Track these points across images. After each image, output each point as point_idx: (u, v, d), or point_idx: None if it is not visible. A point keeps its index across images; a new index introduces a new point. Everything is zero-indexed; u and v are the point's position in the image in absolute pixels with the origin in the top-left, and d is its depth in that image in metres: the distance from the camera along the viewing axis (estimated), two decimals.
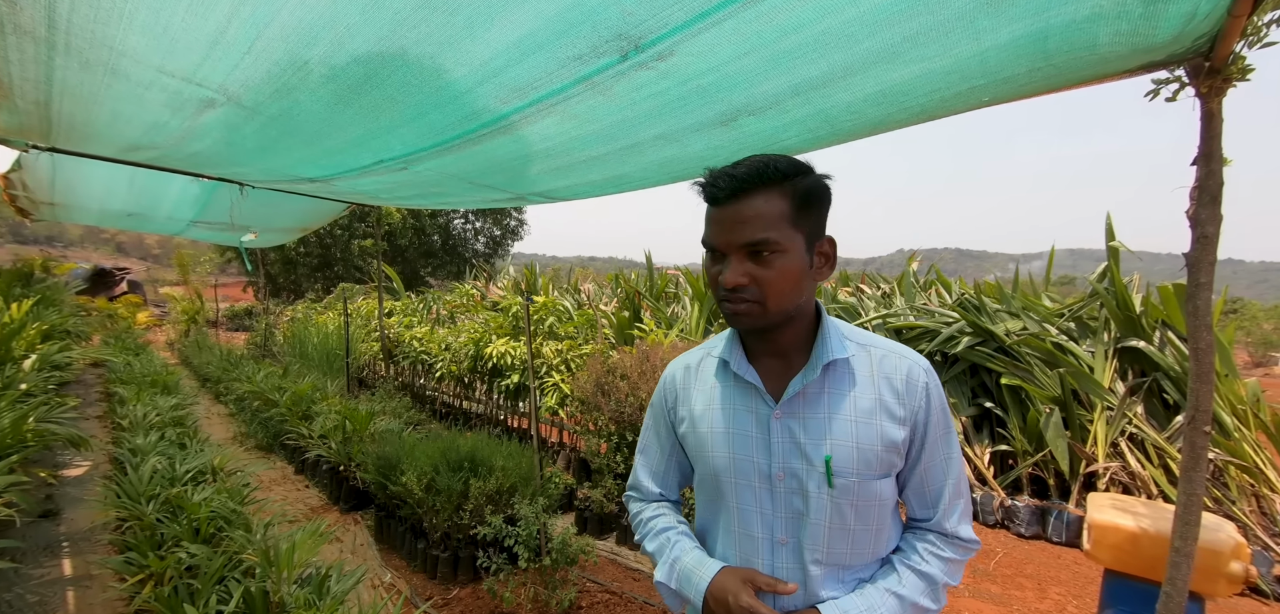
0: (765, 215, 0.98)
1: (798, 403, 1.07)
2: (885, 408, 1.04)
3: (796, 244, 1.00)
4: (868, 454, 1.03)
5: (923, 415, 1.04)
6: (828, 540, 1.05)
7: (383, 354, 7.88)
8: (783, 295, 1.01)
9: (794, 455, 1.06)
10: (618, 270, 10.97)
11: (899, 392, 1.04)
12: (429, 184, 3.15)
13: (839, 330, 1.09)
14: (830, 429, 1.04)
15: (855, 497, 1.03)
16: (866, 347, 1.08)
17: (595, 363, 4.61)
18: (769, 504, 1.08)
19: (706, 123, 2.00)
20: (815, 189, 1.02)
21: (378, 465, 4.03)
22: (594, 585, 3.53)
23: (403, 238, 19.23)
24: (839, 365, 1.06)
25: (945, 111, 2.25)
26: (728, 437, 1.12)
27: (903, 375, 1.05)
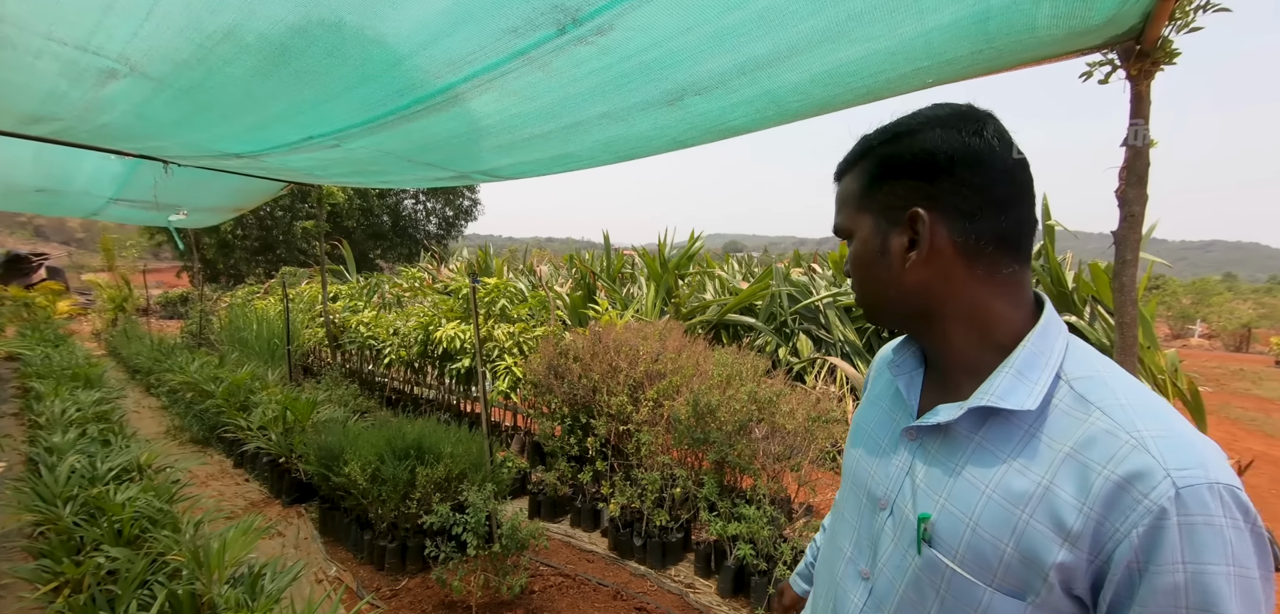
0: (839, 200, 0.89)
1: (934, 435, 0.82)
2: (1050, 503, 0.68)
3: (863, 227, 0.84)
4: (983, 545, 0.72)
5: (1139, 558, 0.62)
6: (895, 609, 0.82)
7: (328, 340, 7.59)
8: (860, 287, 0.88)
9: (905, 491, 0.83)
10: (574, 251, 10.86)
11: (1092, 495, 0.65)
12: (366, 162, 3.01)
13: (1052, 365, 0.74)
14: (953, 484, 0.77)
15: (943, 586, 0.75)
16: (1091, 406, 0.70)
17: (547, 345, 4.54)
18: (867, 526, 0.89)
19: (651, 102, 1.96)
20: (891, 157, 0.81)
21: (320, 456, 3.89)
22: (547, 569, 3.51)
23: (350, 219, 18.50)
24: (1008, 419, 0.75)
25: (891, 92, 2.27)
26: (861, 431, 0.98)
27: (1116, 476, 0.64)
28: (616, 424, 4.01)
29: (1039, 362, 0.74)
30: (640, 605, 3.13)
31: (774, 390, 3.48)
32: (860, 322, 6.08)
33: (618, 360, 4.14)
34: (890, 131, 0.82)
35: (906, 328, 0.89)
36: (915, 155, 0.79)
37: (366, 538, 3.60)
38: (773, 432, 3.36)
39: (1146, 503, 0.62)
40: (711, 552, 3.40)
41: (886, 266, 0.82)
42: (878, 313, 0.88)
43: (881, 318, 0.88)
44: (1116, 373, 0.74)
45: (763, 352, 6.22)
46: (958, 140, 0.76)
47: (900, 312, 0.85)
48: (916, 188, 0.78)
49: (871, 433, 0.94)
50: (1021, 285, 0.79)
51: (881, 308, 0.87)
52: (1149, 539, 0.61)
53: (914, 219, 0.78)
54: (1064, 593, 0.68)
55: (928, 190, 0.78)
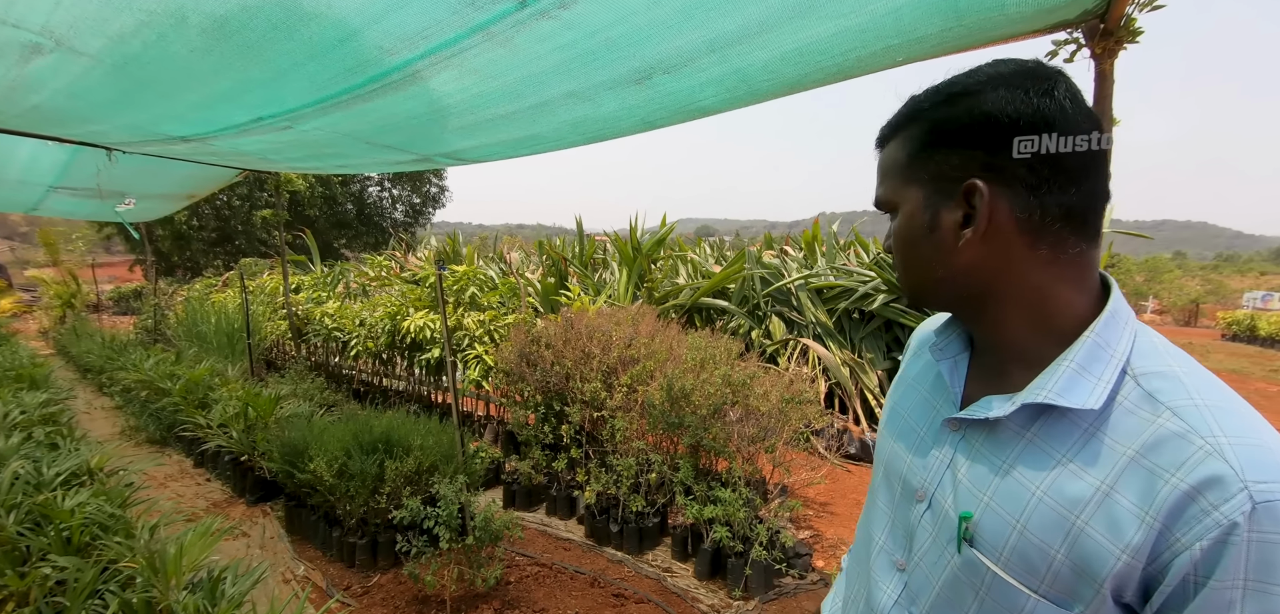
0: (882, 171, 0.80)
1: (980, 429, 0.75)
2: (1109, 511, 0.62)
3: (908, 200, 0.75)
4: (1031, 550, 0.66)
5: (1200, 570, 0.57)
6: (931, 605, 0.77)
7: (292, 333, 7.37)
8: (902, 265, 0.79)
9: (946, 484, 0.77)
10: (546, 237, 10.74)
11: (1158, 503, 0.59)
12: (322, 145, 2.89)
13: (1118, 360, 0.66)
14: (1000, 483, 0.71)
15: (984, 589, 0.70)
16: (1160, 406, 0.63)
17: (519, 333, 4.47)
18: (902, 517, 0.83)
19: (618, 80, 1.90)
20: (951, 122, 0.71)
21: (284, 453, 3.77)
22: (523, 559, 3.47)
23: (312, 208, 17.94)
24: (1065, 416, 0.68)
25: (861, 71, 2.25)
26: (898, 416, 0.90)
27: (1188, 481, 0.58)
28: (590, 411, 3.98)
29: (1104, 355, 0.66)
30: (618, 591, 3.11)
31: (747, 373, 3.48)
32: (832, 303, 6.14)
33: (590, 346, 4.09)
34: (944, 92, 0.72)
35: (954, 311, 0.81)
36: (974, 119, 0.69)
37: (335, 535, 3.51)
38: (747, 414, 3.36)
39: (1217, 515, 0.56)
40: (688, 535, 3.40)
41: (936, 244, 0.73)
42: (922, 295, 0.80)
43: (926, 300, 0.80)
44: (1192, 368, 0.66)
45: (736, 334, 6.23)
46: (1024, 102, 0.67)
47: (949, 294, 0.77)
48: (974, 157, 0.69)
49: (909, 419, 0.87)
50: (1089, 267, 0.70)
51: (927, 290, 0.78)
52: (1213, 553, 0.56)
53: (970, 192, 0.69)
54: (1115, 602, 0.63)
55: (987, 160, 0.69)
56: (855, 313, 6.02)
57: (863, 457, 5.24)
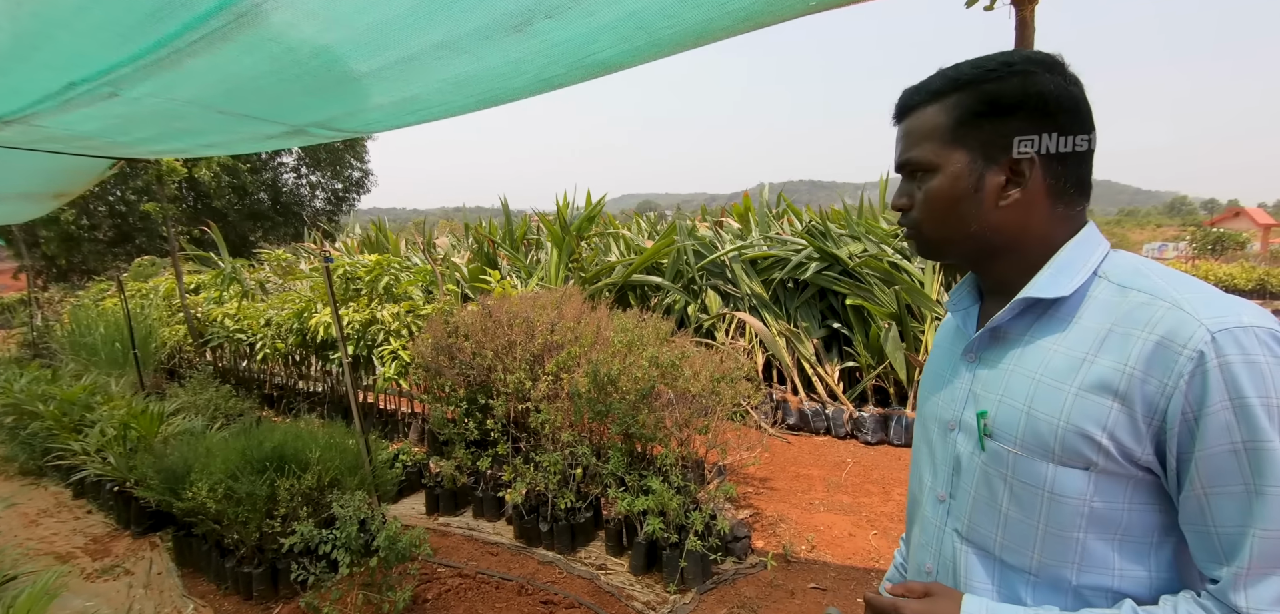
0: (915, 132, 0.86)
1: (987, 344, 0.88)
2: (1095, 373, 0.73)
3: (953, 163, 0.83)
4: (1039, 425, 0.76)
5: (1190, 405, 0.67)
6: (971, 512, 0.86)
7: (192, 337, 6.71)
8: (935, 220, 0.86)
9: (969, 404, 0.88)
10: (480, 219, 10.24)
11: (1132, 358, 0.70)
12: (172, 118, 2.48)
13: (1090, 265, 0.80)
14: (1006, 380, 0.83)
15: (1009, 473, 0.80)
16: (1128, 289, 0.75)
17: (435, 324, 4.13)
18: (941, 452, 0.93)
19: (494, 28, 1.63)
20: (997, 96, 0.80)
21: (163, 478, 3.33)
22: (445, 570, 3.19)
23: (219, 199, 16.54)
24: (1053, 306, 0.81)
25: (772, 17, 2.04)
26: (930, 376, 1.01)
27: (1155, 336, 0.69)
28: (516, 402, 3.71)
29: (1077, 261, 0.81)
30: (547, 598, 2.89)
31: (677, 353, 3.29)
32: (766, 273, 6.04)
33: (513, 334, 3.80)
34: (995, 70, 0.80)
35: (972, 261, 0.90)
36: (1028, 96, 0.79)
37: (230, 565, 3.13)
38: (678, 396, 3.17)
39: (1187, 353, 0.67)
40: (622, 528, 3.20)
41: (976, 203, 0.83)
42: (947, 248, 0.88)
43: (949, 253, 0.89)
44: (1157, 267, 0.78)
45: (671, 311, 6.06)
46: (1062, 87, 0.79)
47: (974, 247, 0.86)
48: (1024, 129, 0.79)
49: (937, 372, 0.98)
50: (1082, 217, 0.84)
51: (954, 243, 0.87)
52: (1195, 386, 0.66)
53: (1020, 160, 0.80)
54: (1125, 460, 0.72)
55: (1034, 132, 0.80)
56: (790, 283, 5.95)
57: (802, 427, 5.19)
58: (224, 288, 7.17)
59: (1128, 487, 0.73)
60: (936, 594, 0.83)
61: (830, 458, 4.64)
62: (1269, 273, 18.25)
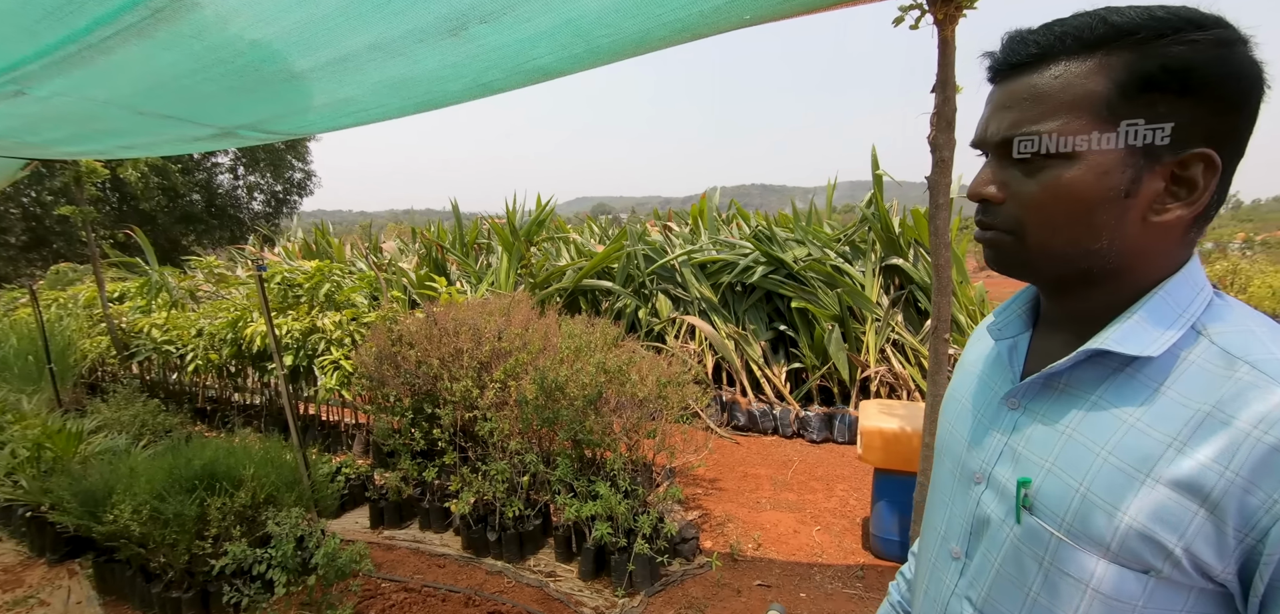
0: (1047, 97, 0.61)
1: (1038, 392, 0.70)
2: (1183, 468, 0.57)
3: (1103, 149, 0.59)
4: (1095, 513, 0.61)
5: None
6: (992, 586, 0.71)
7: (116, 350, 6.32)
8: (1052, 228, 0.63)
9: (1005, 460, 0.71)
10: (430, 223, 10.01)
11: (1239, 460, 0.54)
12: (87, 120, 2.35)
13: (1188, 317, 0.61)
14: (1061, 446, 0.65)
15: (1047, 557, 0.64)
16: (1238, 361, 0.58)
17: (378, 333, 4.03)
18: (961, 503, 0.77)
19: (429, 30, 1.61)
20: (1187, 63, 0.56)
21: (81, 501, 3.13)
22: (390, 584, 3.11)
23: (147, 201, 15.58)
24: (1129, 366, 0.63)
25: (708, 29, 2.09)
26: (954, 402, 0.84)
27: (1270, 437, 0.53)
28: (463, 410, 3.65)
29: (1172, 310, 0.62)
30: (495, 608, 2.85)
31: (624, 358, 3.31)
32: (715, 277, 6.14)
33: (460, 342, 3.75)
34: (1171, 23, 0.56)
35: (1069, 289, 0.68)
36: (1227, 77, 0.56)
37: (155, 591, 2.97)
38: (626, 401, 3.19)
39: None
40: (571, 534, 3.20)
41: (1120, 212, 0.61)
42: (1050, 263, 0.66)
43: (1047, 270, 0.67)
44: (1271, 327, 0.61)
45: (621, 315, 6.08)
46: (1255, 68, 0.57)
47: (1088, 267, 0.64)
48: (1206, 120, 0.57)
49: (966, 403, 0.81)
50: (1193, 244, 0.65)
51: (1065, 260, 0.65)
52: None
53: (1198, 162, 0.58)
54: (1197, 573, 0.57)
55: (1217, 128, 0.58)
56: (738, 286, 6.06)
57: (750, 428, 5.30)
58: (152, 297, 6.78)
59: (1189, 597, 0.59)
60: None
61: (777, 457, 4.75)
62: None
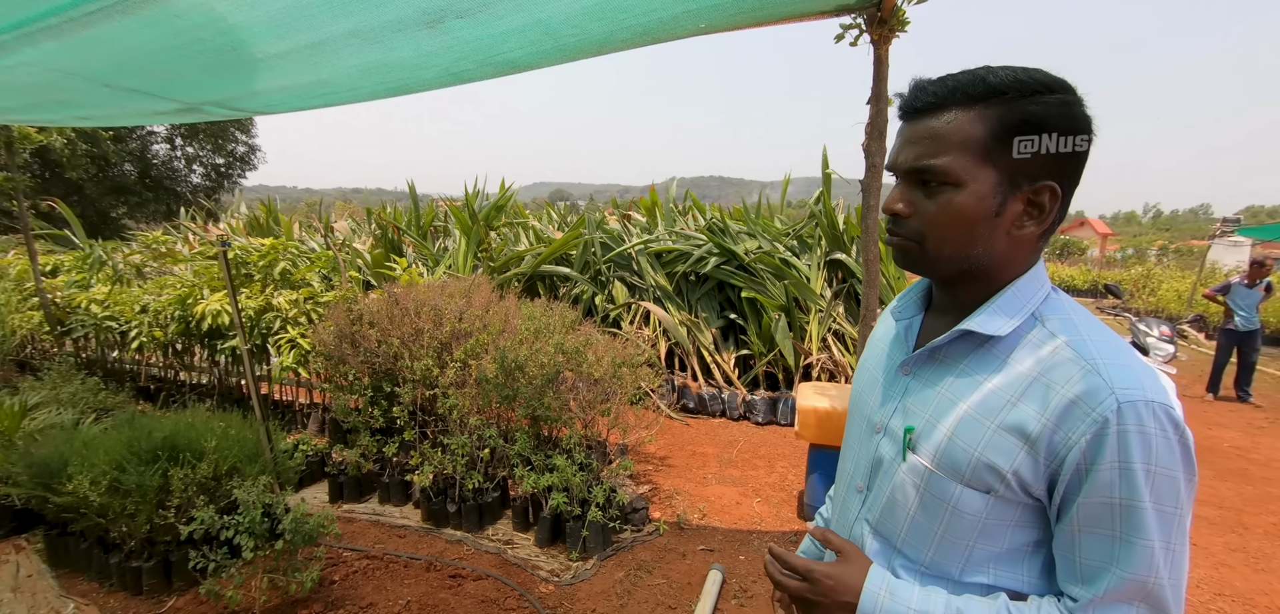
0: (943, 137, 0.79)
1: (924, 361, 0.92)
2: (1015, 417, 0.79)
3: (981, 181, 0.79)
4: (957, 452, 0.83)
5: (1086, 459, 0.75)
6: (884, 509, 0.93)
7: (50, 325, 6.07)
8: (945, 239, 0.83)
9: (898, 413, 0.93)
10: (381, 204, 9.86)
11: (1050, 410, 0.77)
12: (51, 89, 2.36)
13: (1030, 306, 0.83)
14: (936, 402, 0.88)
15: (923, 485, 0.87)
16: (1059, 340, 0.80)
17: (338, 311, 4.07)
18: (866, 449, 0.98)
19: (407, 21, 1.75)
20: (1039, 117, 0.76)
21: (34, 474, 3.10)
22: (352, 554, 3.22)
23: (74, 170, 14.65)
24: (987, 342, 0.85)
25: (665, 35, 2.28)
26: (864, 370, 1.05)
27: (1071, 394, 0.76)
28: (423, 389, 3.76)
29: (1019, 301, 0.83)
30: (455, 572, 3.01)
31: (581, 340, 3.49)
32: (670, 266, 6.37)
33: (421, 322, 3.84)
34: (1030, 83, 0.77)
35: (954, 281, 0.88)
36: (1062, 122, 0.76)
37: (114, 561, 2.99)
38: (582, 380, 3.38)
39: (1095, 415, 0.74)
40: (528, 506, 3.37)
41: (992, 228, 0.81)
42: (943, 265, 0.86)
43: (942, 270, 0.87)
44: (1088, 319, 0.83)
45: (579, 300, 6.25)
46: (1088, 121, 0.78)
47: (967, 268, 0.85)
48: (1055, 160, 0.78)
49: (873, 371, 1.02)
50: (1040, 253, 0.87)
51: (952, 263, 0.85)
52: (1094, 444, 0.74)
53: (1046, 193, 0.79)
54: (1022, 491, 0.80)
55: (1061, 165, 0.78)
56: (692, 276, 6.31)
57: (700, 411, 5.57)
58: (92, 272, 6.53)
59: (1017, 510, 0.82)
60: (850, 557, 0.90)
61: (724, 437, 5.04)
62: (1100, 275, 21.28)
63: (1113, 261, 30.17)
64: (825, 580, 0.87)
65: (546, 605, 2.74)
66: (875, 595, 0.85)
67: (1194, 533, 3.67)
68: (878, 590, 0.85)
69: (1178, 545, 0.75)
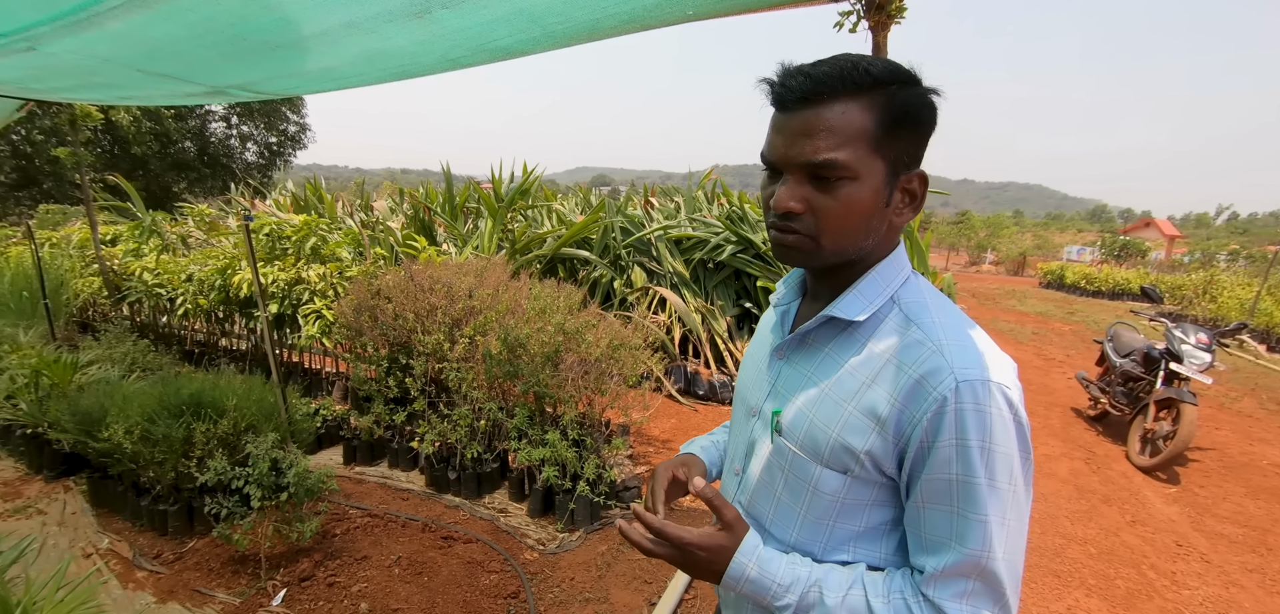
0: (838, 129, 0.77)
1: (796, 346, 0.94)
2: (869, 398, 0.82)
3: (874, 173, 0.79)
4: (817, 435, 0.86)
5: (927, 436, 0.77)
6: (754, 490, 0.96)
7: (108, 291, 6.54)
8: (843, 233, 0.82)
9: (771, 397, 0.95)
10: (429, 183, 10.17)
11: (899, 390, 0.79)
12: (90, 72, 2.57)
13: (888, 290, 0.86)
14: (802, 385, 0.90)
15: (787, 467, 0.90)
16: (912, 324, 0.83)
17: (359, 286, 4.28)
18: (742, 432, 1.02)
19: (397, 12, 1.85)
20: (914, 106, 0.79)
21: (78, 421, 3.41)
22: (356, 511, 3.41)
23: (140, 146, 15.62)
24: (849, 327, 0.87)
25: (653, 21, 2.32)
26: (749, 356, 1.08)
27: (916, 374, 0.78)
28: (434, 362, 3.92)
29: (879, 285, 0.86)
30: (448, 534, 3.16)
31: (582, 321, 3.58)
32: (689, 253, 6.41)
33: (434, 299, 4.01)
34: (895, 71, 0.78)
35: (830, 271, 0.89)
36: (921, 110, 0.79)
37: (144, 504, 3.27)
38: (580, 360, 3.47)
39: (936, 394, 0.76)
40: (524, 477, 3.50)
41: (880, 217, 0.83)
42: (836, 258, 0.85)
43: (829, 259, 0.85)
44: (941, 303, 0.87)
45: (598, 284, 6.35)
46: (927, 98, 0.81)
47: (851, 256, 0.85)
48: (916, 143, 0.81)
49: (754, 357, 1.05)
50: None
51: (845, 254, 0.84)
52: (935, 422, 0.76)
53: (917, 179, 0.83)
54: (876, 470, 0.83)
55: (921, 153, 0.83)
56: (709, 263, 6.33)
57: (711, 398, 5.61)
58: (143, 241, 6.99)
59: (872, 490, 0.85)
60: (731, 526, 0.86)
61: None
62: (1159, 278, 20.15)
63: (1177, 266, 28.56)
64: (699, 552, 0.86)
65: (528, 571, 2.86)
66: (743, 566, 0.85)
67: (1208, 550, 3.54)
68: (746, 561, 0.85)
69: (1013, 522, 0.77)
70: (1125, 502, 4.14)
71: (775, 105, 0.83)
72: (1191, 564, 3.41)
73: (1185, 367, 4.72)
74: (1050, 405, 6.26)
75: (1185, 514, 4.02)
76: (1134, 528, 3.78)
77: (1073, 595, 3.04)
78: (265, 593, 2.70)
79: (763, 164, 0.87)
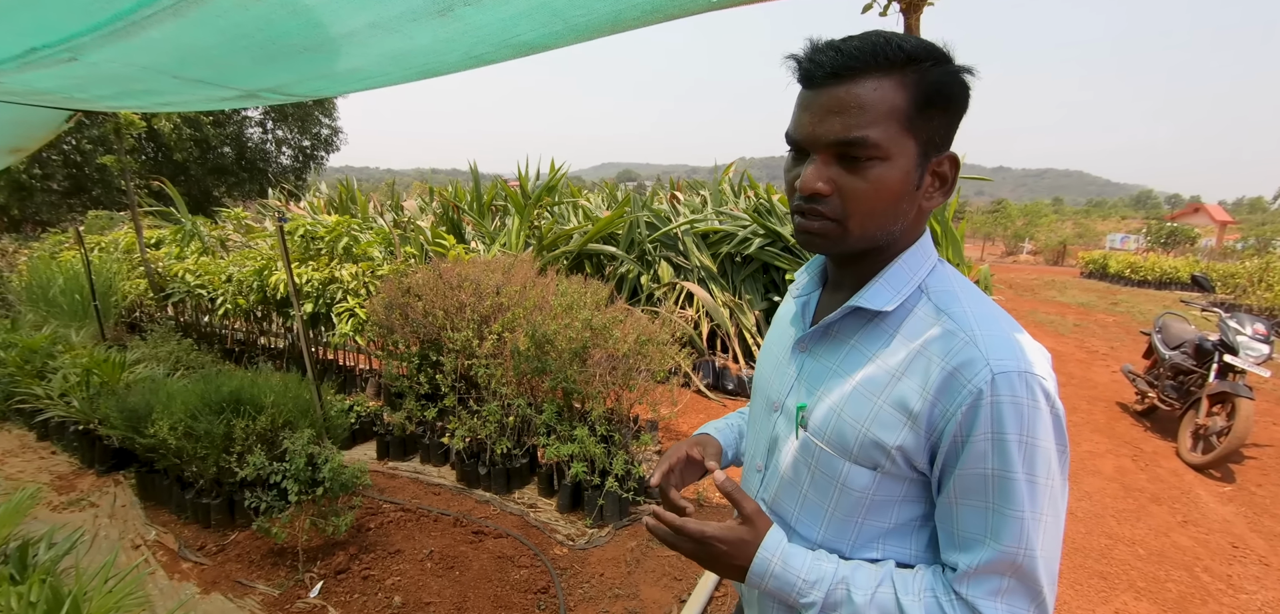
0: (870, 107, 0.73)
1: (819, 338, 0.91)
2: (899, 391, 0.78)
3: (905, 153, 0.75)
4: (845, 430, 0.82)
5: (961, 430, 0.74)
6: (777, 487, 0.93)
7: (152, 292, 6.79)
8: (871, 216, 0.77)
9: (794, 391, 0.91)
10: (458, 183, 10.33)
11: (931, 384, 0.76)
12: (129, 81, 2.65)
13: (916, 280, 0.83)
14: (828, 379, 0.87)
15: (815, 464, 0.86)
16: (942, 313, 0.79)
17: (390, 284, 4.35)
18: (763, 427, 0.98)
19: (418, 12, 1.85)
20: (948, 85, 0.75)
21: (125, 418, 3.54)
22: (389, 505, 3.47)
23: (181, 152, 16.19)
24: (876, 318, 0.84)
25: (679, 11, 2.29)
26: (767, 349, 1.05)
27: (949, 366, 0.75)
28: (463, 358, 3.97)
29: (908, 273, 0.83)
30: (478, 529, 3.19)
31: (610, 317, 3.57)
32: (716, 247, 6.35)
33: (463, 296, 4.05)
34: (929, 48, 0.74)
35: (854, 259, 0.86)
36: (955, 90, 0.75)
37: (189, 497, 3.39)
38: (607, 356, 3.47)
39: (970, 387, 0.73)
40: (553, 472, 3.51)
41: (911, 201, 0.79)
42: (863, 244, 0.81)
43: (856, 245, 0.81)
44: (971, 291, 0.83)
45: (624, 279, 6.34)
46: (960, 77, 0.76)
47: (881, 242, 0.82)
48: (948, 124, 0.77)
49: (773, 349, 1.02)
50: None
51: (872, 240, 0.81)
52: (970, 415, 0.73)
53: (948, 162, 0.79)
54: (907, 466, 0.79)
55: (953, 135, 0.79)
56: (737, 257, 6.27)
57: (739, 393, 5.55)
58: (184, 244, 7.24)
59: (903, 486, 0.81)
60: (752, 520, 0.86)
61: None
62: (1210, 267, 19.24)
63: (1229, 253, 27.27)
64: (720, 545, 0.85)
65: (558, 566, 2.87)
66: (767, 561, 0.83)
67: (1268, 552, 3.37)
68: (770, 556, 0.83)
69: (1050, 517, 0.74)
70: (1176, 501, 3.96)
71: (803, 82, 0.79)
72: (1249, 567, 3.25)
73: (1241, 359, 4.49)
74: (1094, 400, 6.03)
75: (1241, 514, 3.83)
76: (1186, 528, 3.61)
77: (1121, 598, 2.92)
78: (303, 585, 2.76)
79: (788, 143, 0.82)
